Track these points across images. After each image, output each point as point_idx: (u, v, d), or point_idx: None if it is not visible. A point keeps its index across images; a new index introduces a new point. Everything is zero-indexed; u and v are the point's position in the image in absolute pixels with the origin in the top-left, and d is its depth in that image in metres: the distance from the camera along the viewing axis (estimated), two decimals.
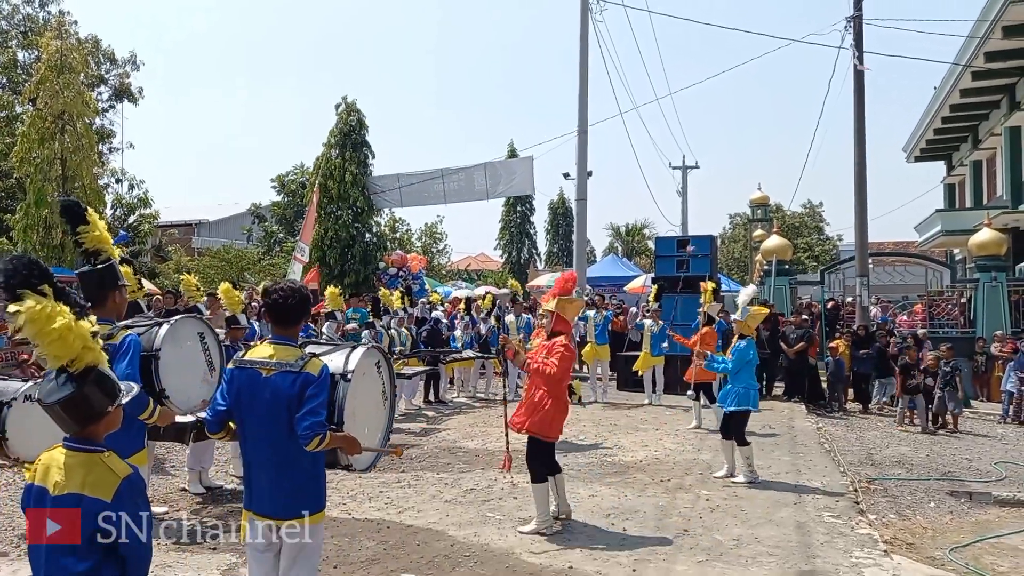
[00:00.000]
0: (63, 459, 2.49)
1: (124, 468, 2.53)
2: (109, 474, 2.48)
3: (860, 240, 16.36)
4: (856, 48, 15.84)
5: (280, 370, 3.39)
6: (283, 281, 3.69)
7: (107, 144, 26.10)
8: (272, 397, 3.37)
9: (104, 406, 2.54)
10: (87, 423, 2.51)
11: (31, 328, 2.47)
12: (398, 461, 8.60)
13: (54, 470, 2.48)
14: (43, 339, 2.47)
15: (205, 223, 41.02)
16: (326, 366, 3.47)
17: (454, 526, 6.17)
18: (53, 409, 2.48)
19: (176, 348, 4.59)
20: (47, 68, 16.98)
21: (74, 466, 2.47)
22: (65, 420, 2.49)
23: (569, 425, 11.02)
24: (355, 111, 24.76)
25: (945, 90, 22.78)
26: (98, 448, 2.53)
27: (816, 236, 47.77)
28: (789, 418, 12.09)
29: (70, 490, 2.44)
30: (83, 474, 2.45)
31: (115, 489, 2.45)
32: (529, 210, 45.38)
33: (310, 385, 3.33)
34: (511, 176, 21.92)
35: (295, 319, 3.55)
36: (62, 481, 2.45)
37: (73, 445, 2.52)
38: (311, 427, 3.25)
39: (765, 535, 6.01)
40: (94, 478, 2.45)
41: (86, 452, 2.50)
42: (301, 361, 3.40)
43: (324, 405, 3.34)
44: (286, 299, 3.50)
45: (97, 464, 2.49)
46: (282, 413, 3.35)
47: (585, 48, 18.78)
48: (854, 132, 16.10)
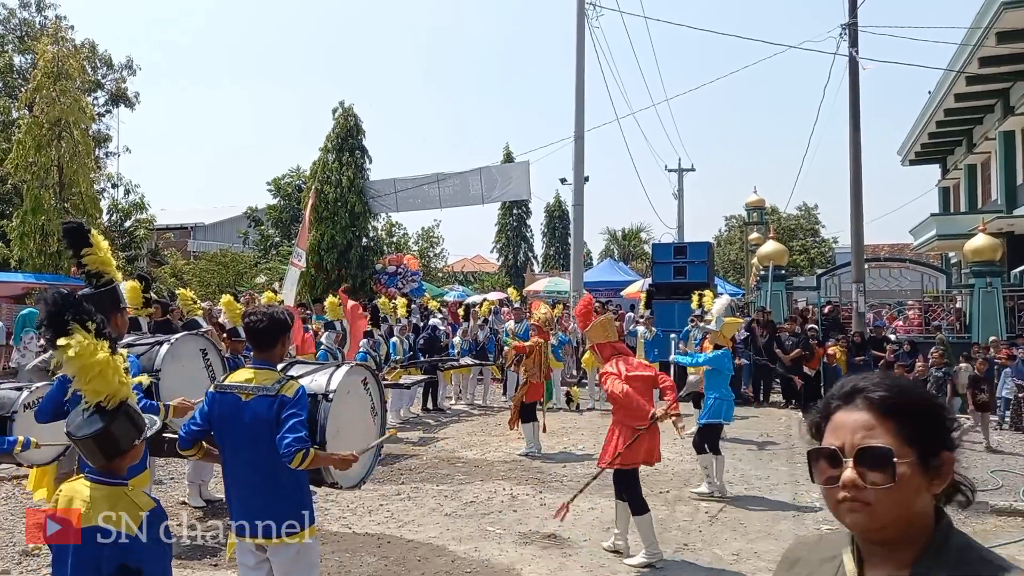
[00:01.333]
0: (87, 492, 2.52)
1: (148, 502, 2.57)
2: (133, 507, 2.51)
3: (856, 246, 16.43)
4: (852, 54, 15.89)
5: (258, 394, 3.44)
6: (261, 306, 3.74)
7: (103, 149, 26.06)
8: (252, 421, 3.42)
9: (132, 440, 2.60)
10: (115, 457, 2.56)
11: (76, 363, 2.51)
12: (397, 472, 8.62)
13: (78, 502, 2.50)
14: (86, 374, 2.53)
15: (201, 226, 40.97)
16: (302, 387, 3.52)
17: (454, 541, 6.19)
18: (85, 443, 2.52)
19: (177, 367, 4.61)
20: (44, 75, 16.97)
21: (99, 499, 2.50)
22: (95, 454, 2.53)
23: (568, 434, 11.11)
24: (352, 115, 24.77)
25: (939, 95, 22.85)
26: (122, 482, 2.57)
27: (812, 238, 47.91)
28: (787, 426, 12.13)
29: (94, 523, 2.46)
30: (107, 507, 2.48)
31: (140, 522, 2.48)
32: (525, 213, 45.42)
33: (286, 406, 3.38)
34: (507, 181, 21.96)
35: (270, 342, 3.60)
36: (87, 513, 2.47)
37: (97, 478, 2.55)
38: (292, 444, 3.28)
39: (764, 549, 6.03)
40: (118, 511, 2.48)
41: (111, 486, 2.54)
42: (278, 385, 3.45)
43: (303, 424, 3.37)
44: (258, 323, 3.56)
45: (122, 498, 2.52)
46: (262, 437, 3.40)
47: (581, 54, 18.84)
48: (849, 137, 16.16)
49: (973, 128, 25.02)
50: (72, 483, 2.61)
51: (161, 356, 4.52)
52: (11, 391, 4.99)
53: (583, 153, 19.06)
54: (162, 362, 4.49)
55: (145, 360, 4.49)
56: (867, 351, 14.00)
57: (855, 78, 16.23)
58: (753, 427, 11.75)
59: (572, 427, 11.76)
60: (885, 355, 14.21)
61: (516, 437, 10.11)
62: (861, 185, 16.02)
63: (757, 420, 12.50)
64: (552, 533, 6.40)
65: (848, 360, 13.83)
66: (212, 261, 30.11)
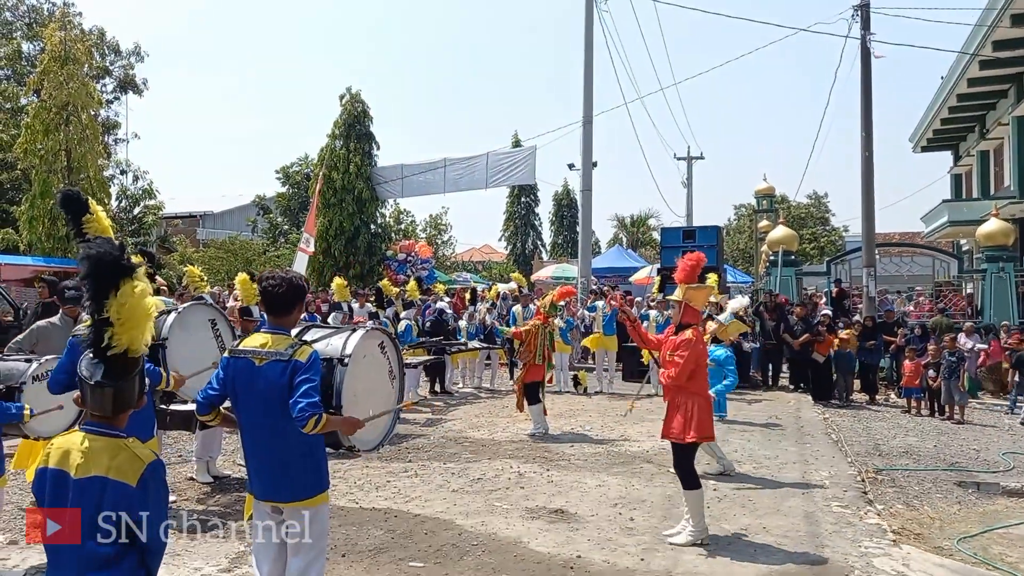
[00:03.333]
0: (85, 443, 2.48)
1: (148, 454, 2.54)
2: (134, 459, 2.48)
3: (867, 231, 16.29)
4: (864, 36, 15.71)
5: (271, 359, 3.42)
6: (276, 270, 3.71)
7: (112, 136, 26.10)
8: (265, 386, 3.41)
9: (140, 394, 2.61)
10: (123, 410, 2.55)
11: (131, 308, 2.50)
12: (404, 451, 8.61)
13: (75, 453, 2.46)
14: (135, 321, 2.52)
15: (210, 215, 41.09)
16: (315, 352, 3.49)
17: (461, 515, 6.17)
18: (102, 392, 2.49)
19: (185, 335, 4.59)
20: (51, 59, 16.97)
21: (98, 450, 2.47)
22: (104, 404, 2.51)
23: (575, 415, 11.08)
24: (359, 101, 24.74)
25: (952, 79, 22.59)
26: (121, 434, 2.54)
27: (822, 227, 47.61)
28: (796, 409, 12.06)
29: (94, 473, 2.43)
30: (107, 459, 2.45)
31: (140, 474, 2.45)
32: (534, 201, 45.33)
33: (299, 371, 3.36)
34: (513, 165, 21.90)
35: (286, 307, 3.56)
36: (85, 464, 2.44)
37: (96, 429, 2.52)
38: (304, 409, 3.26)
39: (773, 525, 5.99)
40: (119, 463, 2.45)
41: (110, 437, 2.51)
42: (291, 349, 3.42)
43: (317, 389, 3.34)
44: (279, 287, 3.53)
45: (122, 449, 2.49)
46: (276, 401, 3.39)
47: (590, 38, 18.70)
48: (861, 122, 16.00)
49: (986, 114, 24.74)
50: (67, 436, 2.57)
51: (168, 324, 4.51)
52: (20, 363, 4.98)
53: (591, 138, 18.95)
54: (168, 330, 4.48)
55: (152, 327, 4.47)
56: (878, 336, 13.88)
57: (867, 60, 16.06)
58: (762, 410, 11.69)
59: (580, 409, 11.74)
60: (896, 339, 14.12)
61: (524, 418, 10.08)
62: (872, 167, 15.87)
63: (766, 404, 12.44)
64: (559, 508, 6.38)
65: (859, 344, 13.72)
66: (221, 249, 30.19)
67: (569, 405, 12.08)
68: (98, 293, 2.51)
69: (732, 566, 5.11)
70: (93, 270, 2.51)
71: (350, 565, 5.04)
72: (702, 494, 5.65)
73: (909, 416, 12.25)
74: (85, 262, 2.53)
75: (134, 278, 2.53)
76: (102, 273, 2.51)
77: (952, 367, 11.93)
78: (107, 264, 2.52)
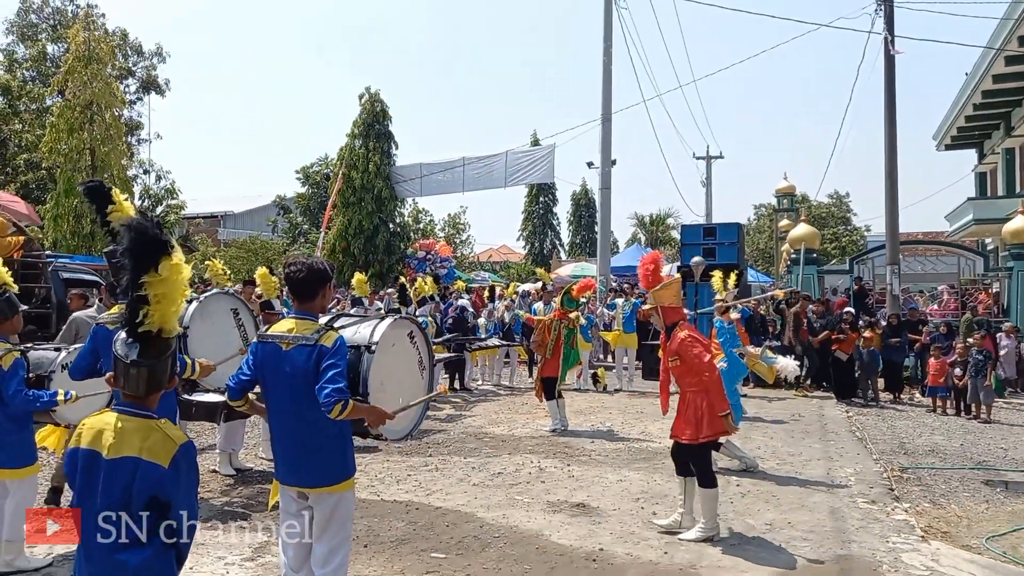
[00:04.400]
0: (117, 423, 2.48)
1: (180, 435, 2.54)
2: (167, 440, 2.47)
3: (891, 227, 16.06)
4: (887, 31, 15.52)
5: (297, 344, 3.42)
6: (299, 256, 3.71)
7: (135, 136, 26.38)
8: (291, 371, 3.41)
9: (172, 375, 2.62)
10: (155, 390, 2.55)
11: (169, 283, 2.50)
12: (425, 446, 8.61)
13: (108, 433, 2.46)
14: (170, 298, 2.52)
15: (231, 215, 41.42)
16: (341, 337, 3.48)
17: (482, 508, 6.15)
18: (139, 371, 2.49)
19: (206, 324, 4.62)
20: (75, 59, 17.19)
21: (130, 430, 2.46)
22: (138, 383, 2.51)
23: (595, 412, 11.03)
24: (378, 101, 24.83)
25: (977, 75, 22.26)
26: (153, 415, 2.54)
27: (843, 227, 47.12)
28: (819, 407, 11.94)
29: (126, 454, 2.43)
30: (140, 439, 2.45)
31: (172, 455, 2.45)
32: (552, 201, 45.28)
33: (325, 356, 3.35)
34: (532, 164, 21.88)
35: (311, 293, 3.56)
36: (117, 444, 2.44)
37: (129, 410, 2.52)
38: (331, 394, 3.25)
39: (798, 520, 5.92)
40: (151, 443, 2.45)
41: (142, 418, 2.51)
42: (317, 334, 3.42)
43: (343, 374, 3.33)
44: (299, 272, 3.53)
45: (154, 430, 2.49)
46: (301, 386, 3.39)
47: (609, 35, 18.64)
48: (885, 115, 15.78)
49: (1012, 111, 24.35)
50: (99, 416, 2.57)
51: (189, 313, 4.53)
52: (49, 351, 5.03)
53: (610, 136, 18.89)
54: (190, 319, 4.49)
55: None
56: (903, 333, 13.69)
57: (891, 58, 15.84)
58: (785, 409, 11.57)
59: (600, 407, 11.69)
60: (921, 338, 13.93)
61: (543, 415, 10.06)
62: (896, 161, 15.64)
63: (789, 403, 12.31)
64: (581, 502, 6.34)
65: (883, 342, 13.55)
66: (242, 248, 30.42)
67: (589, 402, 12.04)
68: (137, 268, 2.50)
69: (757, 560, 5.05)
70: (134, 244, 2.50)
71: (372, 556, 5.04)
72: (717, 494, 5.53)
73: (934, 415, 12.07)
74: (127, 233, 2.52)
75: (173, 254, 2.53)
76: (143, 248, 2.50)
77: (979, 365, 11.73)
78: (149, 239, 2.50)
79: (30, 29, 25.78)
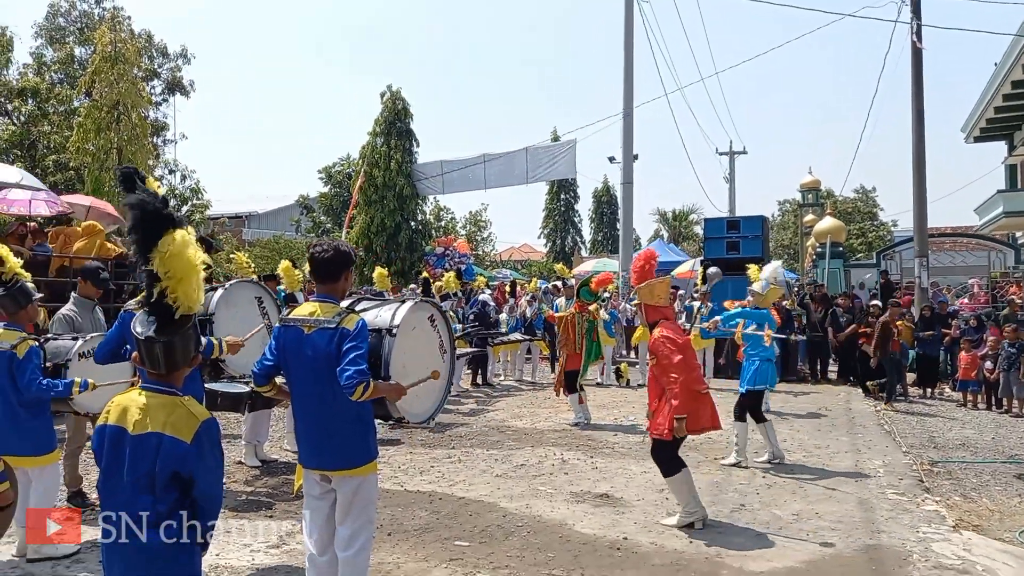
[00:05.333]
0: (143, 400, 2.51)
1: (203, 412, 2.56)
2: (190, 417, 2.49)
3: (919, 219, 15.75)
4: (914, 18, 15.25)
5: (319, 327, 3.43)
6: (324, 238, 3.72)
7: (161, 137, 26.68)
8: (313, 354, 3.42)
9: (194, 352, 2.63)
10: (177, 367, 2.56)
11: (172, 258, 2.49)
12: (448, 439, 8.62)
13: (133, 410, 2.49)
14: (182, 273, 2.51)
15: (255, 215, 41.82)
16: (362, 320, 3.48)
17: (505, 498, 6.13)
18: (156, 346, 2.51)
19: (232, 312, 4.64)
20: (102, 59, 17.43)
21: (155, 407, 2.49)
22: (158, 361, 2.52)
23: (618, 407, 10.98)
24: (400, 99, 24.90)
25: (1007, 65, 21.81)
26: (177, 392, 2.57)
27: (869, 222, 46.45)
28: (846, 401, 11.78)
29: (151, 430, 2.45)
30: (164, 415, 2.47)
31: (195, 431, 2.47)
32: (573, 198, 45.17)
33: (346, 339, 3.35)
34: (553, 160, 21.82)
35: (333, 275, 3.56)
36: (142, 420, 2.47)
37: (154, 387, 2.54)
38: (352, 376, 3.26)
39: (826, 511, 5.83)
40: (175, 419, 2.47)
41: (167, 395, 2.53)
42: (338, 317, 3.43)
43: (364, 356, 3.33)
44: (325, 253, 3.54)
45: (178, 406, 2.51)
46: (323, 369, 3.39)
47: (630, 28, 18.55)
48: (912, 101, 15.48)
49: None
50: (126, 394, 2.60)
51: (215, 301, 4.56)
52: (67, 340, 5.08)
53: (632, 130, 18.78)
54: (215, 306, 4.52)
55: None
56: (936, 327, 13.43)
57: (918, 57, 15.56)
58: (811, 403, 11.43)
59: (623, 401, 11.63)
60: (951, 331, 13.68)
61: (566, 409, 10.02)
62: (924, 151, 15.35)
63: (815, 396, 12.16)
64: (604, 493, 6.31)
65: (915, 335, 13.32)
66: (266, 248, 30.72)
67: (612, 397, 11.98)
68: (143, 244, 2.52)
69: (784, 549, 4.99)
70: (138, 220, 2.52)
71: (396, 543, 5.04)
72: (684, 476, 5.44)
73: (964, 409, 11.86)
74: (130, 211, 2.55)
75: (175, 229, 2.52)
76: (146, 223, 2.52)
77: (1012, 359, 11.50)
78: (150, 213, 2.52)
79: (58, 32, 26.16)
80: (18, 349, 4.44)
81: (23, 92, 23.48)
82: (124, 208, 2.64)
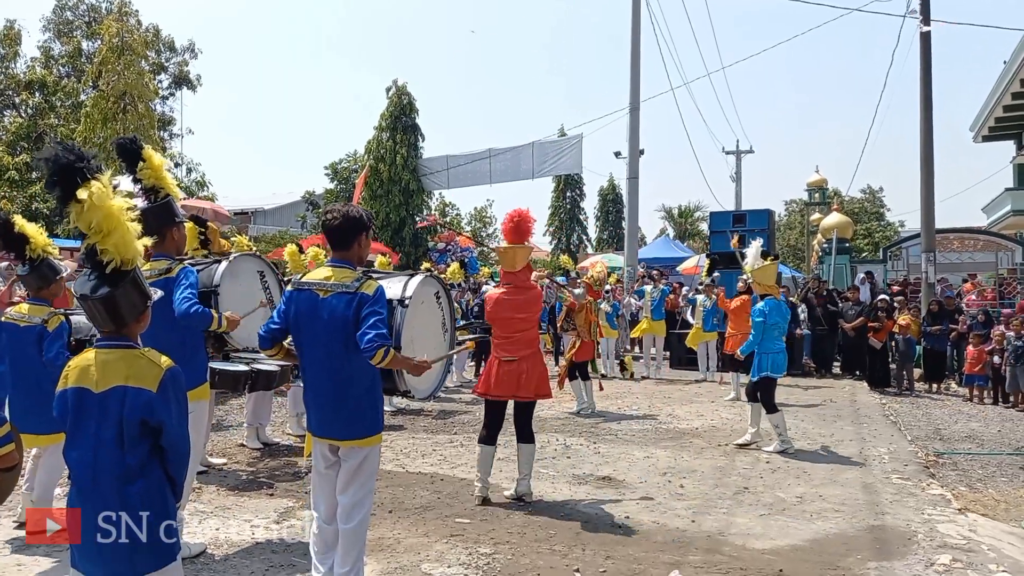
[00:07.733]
0: (100, 358, 2.46)
1: (167, 361, 2.50)
2: (152, 366, 2.45)
3: (926, 214, 15.66)
4: (923, 10, 15.18)
5: (336, 291, 3.38)
6: (335, 203, 3.69)
7: (167, 131, 26.78)
8: (329, 318, 3.37)
9: (140, 307, 2.53)
10: (125, 322, 2.49)
11: (98, 212, 2.40)
12: (449, 425, 8.60)
13: (92, 370, 2.44)
14: (109, 223, 2.43)
15: (261, 211, 41.86)
16: (381, 286, 3.44)
17: (508, 480, 6.09)
18: (99, 303, 2.44)
19: (235, 285, 4.62)
20: (108, 50, 17.49)
21: (112, 361, 2.45)
22: (104, 317, 2.46)
23: (622, 398, 10.94)
24: (405, 94, 24.91)
25: (1016, 63, 21.70)
26: (135, 344, 2.52)
27: (876, 222, 46.30)
28: (851, 394, 11.71)
29: (114, 384, 2.41)
30: (124, 368, 2.43)
31: (159, 380, 2.43)
32: (579, 196, 45.03)
33: (366, 304, 3.31)
34: (559, 154, 21.77)
35: (346, 240, 3.52)
36: (104, 377, 2.42)
37: (108, 343, 2.49)
38: (373, 339, 3.22)
39: (830, 494, 5.79)
40: (136, 370, 2.43)
41: (124, 348, 2.49)
42: (357, 282, 3.38)
43: (384, 322, 3.31)
44: (335, 220, 3.50)
45: (138, 357, 2.47)
46: (338, 334, 3.35)
47: (637, 22, 18.48)
48: (920, 96, 15.40)
49: None
50: (81, 356, 2.54)
51: (220, 272, 4.53)
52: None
53: (638, 125, 18.71)
54: (221, 278, 4.50)
55: (204, 276, 4.50)
56: (944, 321, 13.35)
57: (927, 41, 15.49)
58: (816, 395, 11.36)
59: (627, 392, 11.59)
60: (958, 326, 13.60)
61: (569, 398, 9.98)
62: (932, 147, 15.27)
63: (820, 390, 12.09)
64: (607, 476, 6.28)
65: (922, 330, 13.25)
66: (271, 244, 30.76)
67: (616, 388, 11.93)
68: (62, 199, 2.43)
69: (787, 528, 4.95)
70: (51, 175, 2.41)
71: (397, 520, 5.02)
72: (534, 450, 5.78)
73: (971, 403, 11.79)
74: (43, 165, 2.43)
75: (89, 183, 2.39)
76: (60, 178, 2.40)
77: (1019, 353, 11.43)
78: (62, 168, 2.40)
79: (66, 26, 26.30)
80: (49, 323, 4.45)
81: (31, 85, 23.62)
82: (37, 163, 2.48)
